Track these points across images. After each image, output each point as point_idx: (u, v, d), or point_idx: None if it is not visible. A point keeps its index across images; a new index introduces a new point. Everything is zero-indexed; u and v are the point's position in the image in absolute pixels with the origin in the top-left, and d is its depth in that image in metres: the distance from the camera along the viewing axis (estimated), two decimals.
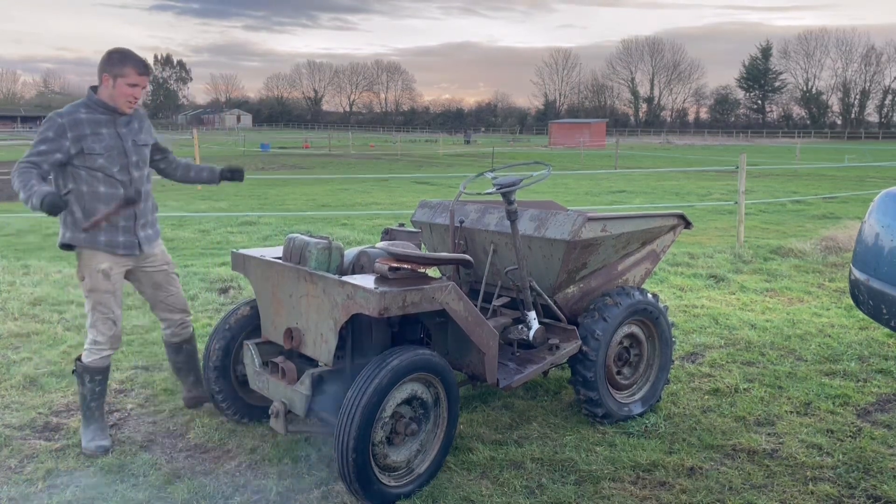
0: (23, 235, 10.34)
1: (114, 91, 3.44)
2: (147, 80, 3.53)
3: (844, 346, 5.23)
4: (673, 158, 34.53)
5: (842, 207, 14.33)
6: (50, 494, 3.13)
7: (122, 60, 3.43)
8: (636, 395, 4.06)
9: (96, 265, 3.51)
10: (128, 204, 3.47)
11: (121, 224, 3.51)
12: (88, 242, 3.48)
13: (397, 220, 11.60)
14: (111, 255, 3.53)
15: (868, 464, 3.45)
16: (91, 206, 3.45)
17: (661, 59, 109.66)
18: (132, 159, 3.55)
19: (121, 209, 3.47)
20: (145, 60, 3.55)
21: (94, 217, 3.42)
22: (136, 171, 3.56)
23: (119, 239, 3.53)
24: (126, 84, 3.43)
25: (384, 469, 3.08)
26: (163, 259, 3.78)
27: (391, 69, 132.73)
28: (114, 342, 3.61)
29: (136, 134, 3.59)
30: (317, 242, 3.31)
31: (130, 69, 3.43)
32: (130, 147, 3.54)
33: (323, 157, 35.19)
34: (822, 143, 66.29)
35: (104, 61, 3.45)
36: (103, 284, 3.52)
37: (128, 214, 3.53)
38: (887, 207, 3.84)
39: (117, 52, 3.47)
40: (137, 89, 3.48)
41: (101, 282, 3.52)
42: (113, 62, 3.43)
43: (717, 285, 7.26)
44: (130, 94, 3.46)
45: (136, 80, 3.45)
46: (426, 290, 3.00)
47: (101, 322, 3.56)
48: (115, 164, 3.47)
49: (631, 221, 3.90)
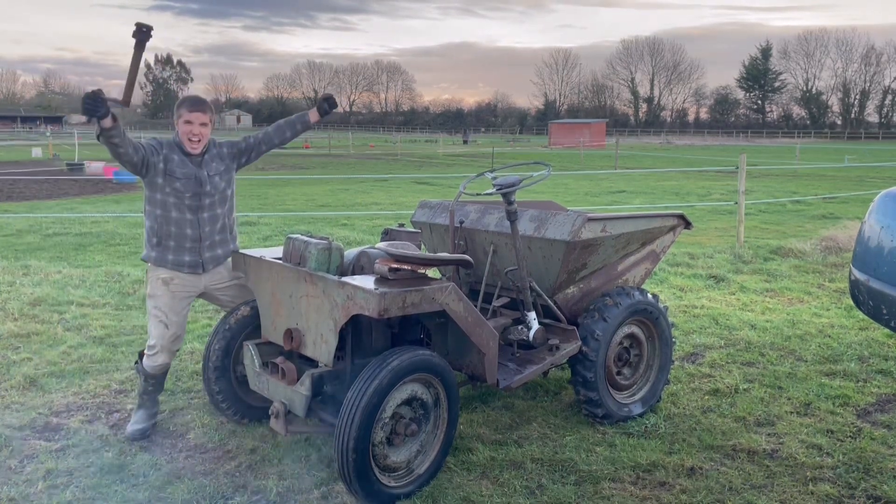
0: (23, 235, 10.34)
1: (179, 131, 3.69)
2: (201, 115, 3.67)
3: (844, 346, 5.23)
4: (673, 158, 34.53)
5: (842, 207, 14.33)
6: (50, 494, 3.13)
7: (179, 102, 3.70)
8: (636, 395, 4.06)
9: (158, 274, 3.74)
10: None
11: (187, 246, 3.72)
12: (157, 261, 3.73)
13: (397, 220, 11.60)
14: (176, 270, 3.74)
15: (868, 464, 3.45)
16: (162, 227, 3.71)
17: (661, 59, 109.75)
18: (206, 189, 3.74)
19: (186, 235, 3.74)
20: (198, 98, 3.77)
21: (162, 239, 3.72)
22: (207, 199, 3.74)
23: (185, 259, 3.74)
24: (183, 121, 3.65)
25: (384, 469, 3.08)
26: (231, 276, 3.89)
27: (391, 69, 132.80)
28: (166, 346, 3.72)
29: (216, 171, 3.79)
30: (317, 243, 3.31)
31: (184, 109, 3.66)
32: (205, 177, 3.74)
33: (323, 157, 35.20)
34: (822, 143, 66.30)
35: (174, 107, 3.75)
36: (160, 290, 3.72)
37: (194, 237, 3.72)
38: (887, 207, 3.84)
39: (181, 98, 3.76)
40: (195, 126, 3.65)
41: (160, 287, 3.72)
42: (175, 106, 3.72)
43: (717, 285, 7.26)
44: (188, 131, 3.65)
45: (188, 117, 3.65)
46: (426, 291, 3.00)
47: (154, 325, 3.73)
48: (189, 190, 3.67)
49: (631, 222, 3.90)
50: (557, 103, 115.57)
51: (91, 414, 4.00)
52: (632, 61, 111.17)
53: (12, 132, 73.45)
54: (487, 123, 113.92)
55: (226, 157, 3.87)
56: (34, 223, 11.34)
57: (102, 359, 4.82)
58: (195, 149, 3.69)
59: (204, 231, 3.76)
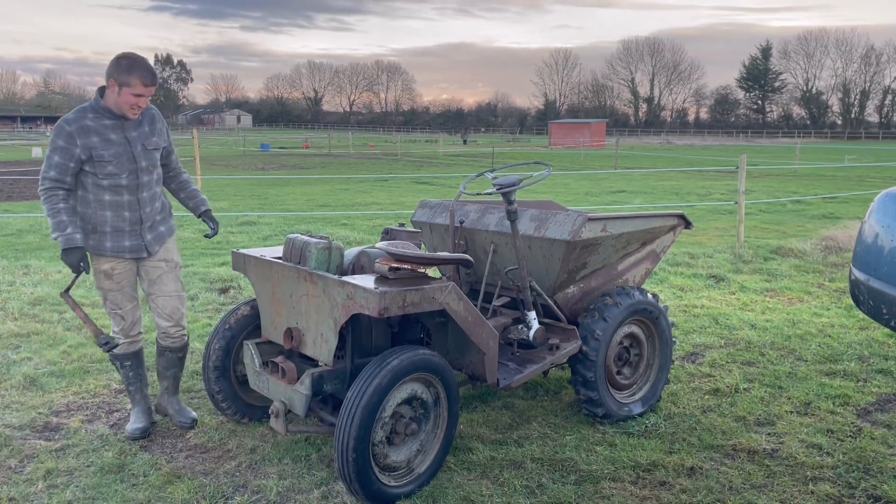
0: (23, 235, 10.34)
1: (118, 98, 3.38)
2: (153, 89, 3.43)
3: (844, 346, 5.23)
4: (673, 158, 34.53)
5: (842, 207, 14.33)
6: (50, 494, 3.13)
7: (129, 69, 3.34)
8: (636, 395, 4.06)
9: (99, 266, 3.58)
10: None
11: (126, 229, 3.54)
12: (95, 249, 3.54)
13: (397, 220, 11.61)
14: (116, 258, 3.57)
15: (868, 464, 3.45)
16: (96, 213, 3.49)
17: (661, 59, 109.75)
18: (141, 164, 3.52)
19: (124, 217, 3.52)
20: (153, 69, 3.43)
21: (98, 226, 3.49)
22: (145, 176, 3.54)
23: (125, 244, 3.56)
24: (131, 94, 3.36)
25: (384, 469, 3.08)
26: (163, 255, 3.71)
27: (391, 69, 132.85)
28: (128, 333, 3.69)
29: (145, 138, 3.55)
30: (317, 242, 3.31)
31: (136, 79, 3.34)
32: (140, 152, 3.51)
33: (323, 157, 35.19)
34: (822, 143, 66.28)
35: (112, 66, 3.36)
36: (106, 283, 3.61)
37: (134, 219, 3.54)
38: (887, 207, 3.84)
39: (126, 59, 3.38)
40: (142, 99, 3.40)
41: (104, 281, 3.60)
42: (120, 69, 3.34)
43: (717, 285, 7.26)
44: (134, 102, 3.39)
45: (140, 90, 3.37)
46: (426, 291, 3.00)
47: (111, 317, 3.70)
48: (124, 171, 3.45)
49: (631, 221, 3.90)
50: (557, 103, 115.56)
51: (91, 414, 4.00)
52: (632, 61, 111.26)
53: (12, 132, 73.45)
54: (487, 123, 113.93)
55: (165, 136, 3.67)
56: (34, 223, 11.34)
57: (102, 358, 4.81)
58: (133, 118, 3.45)
59: (144, 212, 3.57)
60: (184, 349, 3.86)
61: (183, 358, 3.88)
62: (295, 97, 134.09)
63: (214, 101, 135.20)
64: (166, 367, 3.84)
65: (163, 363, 3.84)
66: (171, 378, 3.87)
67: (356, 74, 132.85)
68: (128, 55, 3.42)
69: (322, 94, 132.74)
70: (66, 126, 3.36)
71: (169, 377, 3.86)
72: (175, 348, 3.81)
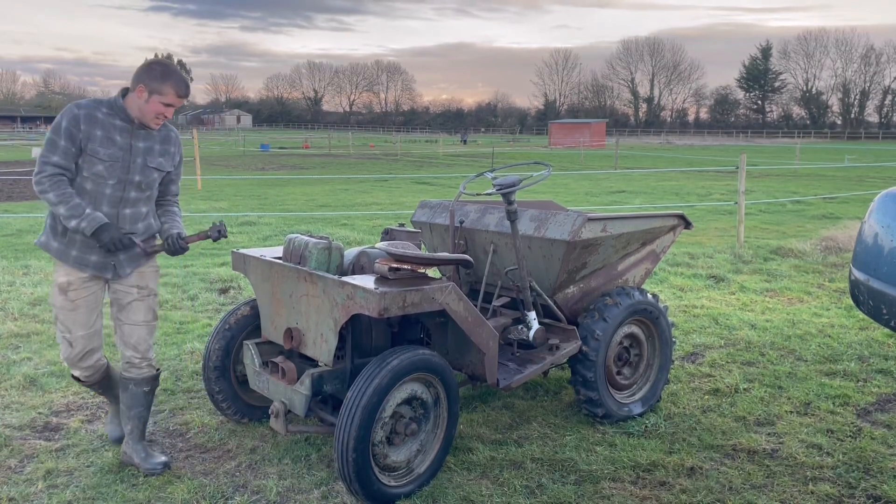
0: (23, 235, 10.33)
1: (145, 106, 3.13)
2: (183, 102, 3.23)
3: (844, 346, 5.23)
4: (673, 158, 34.53)
5: (842, 207, 14.33)
6: (50, 494, 3.13)
7: (163, 77, 3.12)
8: (636, 395, 4.06)
9: (56, 277, 3.22)
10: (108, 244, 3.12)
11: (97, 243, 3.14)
12: (58, 253, 3.19)
13: (397, 220, 11.61)
14: (78, 270, 3.20)
15: (868, 464, 3.45)
16: None
17: (661, 59, 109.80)
18: (134, 178, 3.20)
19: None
20: (187, 80, 3.23)
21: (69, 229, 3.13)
22: (133, 192, 3.21)
23: (91, 258, 3.19)
24: (161, 102, 3.14)
25: (384, 469, 3.08)
26: (137, 281, 3.32)
27: (391, 69, 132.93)
28: (74, 362, 3.30)
29: (151, 154, 3.25)
30: (317, 242, 3.31)
31: (170, 88, 3.13)
32: (139, 165, 3.21)
33: (323, 157, 35.19)
34: (821, 143, 66.30)
35: (144, 71, 3.13)
36: (58, 300, 3.22)
37: None
38: (887, 208, 3.84)
39: (159, 66, 3.18)
40: (170, 110, 3.18)
41: (57, 296, 3.22)
42: (153, 76, 3.11)
43: (717, 285, 7.26)
44: (162, 112, 3.17)
45: (173, 100, 3.16)
46: (426, 291, 3.00)
47: (59, 340, 3.29)
48: (112, 177, 3.14)
49: (631, 222, 3.91)
50: (557, 103, 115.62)
51: (91, 414, 4.00)
52: (632, 61, 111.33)
53: (12, 132, 73.45)
54: (487, 123, 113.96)
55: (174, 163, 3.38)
56: (34, 223, 11.34)
57: None
58: (156, 128, 3.23)
59: (122, 229, 3.21)
60: (150, 383, 3.40)
61: (150, 394, 3.41)
62: (295, 97, 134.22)
63: (214, 101, 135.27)
64: (130, 404, 3.37)
65: (126, 399, 3.38)
66: (135, 419, 3.38)
67: (356, 74, 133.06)
68: (162, 62, 3.23)
69: (322, 94, 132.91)
70: (76, 109, 3.10)
71: (133, 418, 3.38)
72: (139, 380, 3.36)
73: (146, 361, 3.37)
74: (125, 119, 3.17)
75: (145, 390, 3.39)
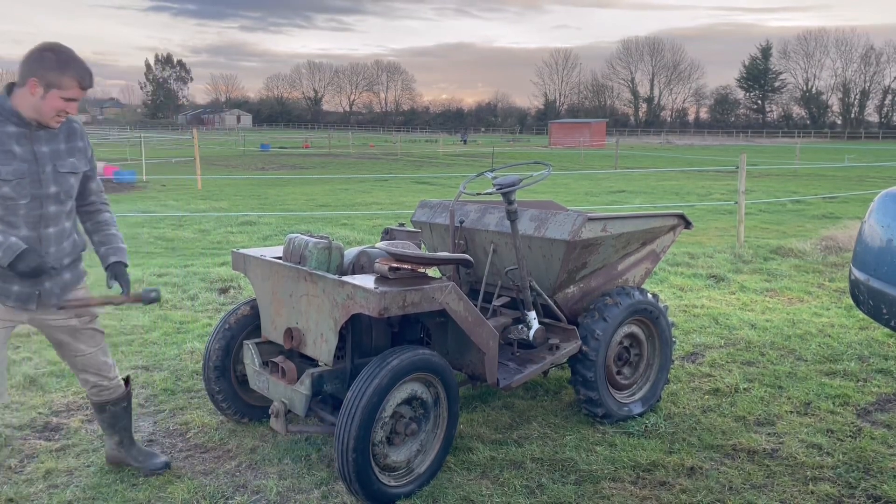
0: None
1: (41, 103, 2.63)
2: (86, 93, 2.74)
3: (844, 346, 5.23)
4: (673, 158, 34.53)
5: (842, 207, 14.33)
6: (50, 494, 3.13)
7: (62, 66, 2.61)
8: (636, 394, 4.06)
9: None
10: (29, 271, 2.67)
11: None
12: None
13: (397, 220, 11.61)
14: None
15: (868, 464, 3.45)
16: None
17: (661, 59, 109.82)
18: (49, 191, 2.73)
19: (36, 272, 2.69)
20: (90, 69, 2.71)
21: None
22: (52, 206, 2.75)
23: (13, 288, 2.74)
24: (61, 97, 2.64)
25: (384, 469, 3.08)
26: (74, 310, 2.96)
27: (391, 69, 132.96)
28: None
29: (59, 157, 2.77)
30: (317, 242, 3.31)
31: (71, 80, 2.63)
32: (50, 174, 2.73)
33: (323, 157, 35.19)
34: (821, 143, 66.28)
35: (34, 61, 2.61)
36: None
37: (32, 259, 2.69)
38: (887, 207, 3.84)
39: (53, 53, 2.63)
40: (73, 105, 2.69)
41: None
42: (47, 65, 2.60)
43: (717, 285, 7.26)
44: (63, 108, 2.66)
45: (76, 94, 2.66)
46: (426, 291, 3.00)
47: None
48: (25, 196, 2.67)
49: (631, 221, 3.90)
50: (557, 103, 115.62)
51: (91, 414, 3.99)
52: (632, 61, 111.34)
53: None
54: (487, 123, 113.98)
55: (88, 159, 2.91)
56: None
57: None
58: (56, 126, 2.74)
59: (48, 252, 2.77)
60: (126, 398, 3.27)
61: (128, 408, 3.28)
62: (295, 97, 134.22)
63: (214, 101, 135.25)
64: (112, 423, 3.24)
65: (108, 420, 3.24)
66: (122, 431, 3.28)
67: (356, 74, 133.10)
68: (55, 47, 2.65)
69: (322, 94, 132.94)
70: None
71: (119, 430, 3.28)
72: (114, 400, 3.21)
73: (114, 381, 3.19)
74: (19, 123, 2.67)
75: (124, 406, 3.27)
